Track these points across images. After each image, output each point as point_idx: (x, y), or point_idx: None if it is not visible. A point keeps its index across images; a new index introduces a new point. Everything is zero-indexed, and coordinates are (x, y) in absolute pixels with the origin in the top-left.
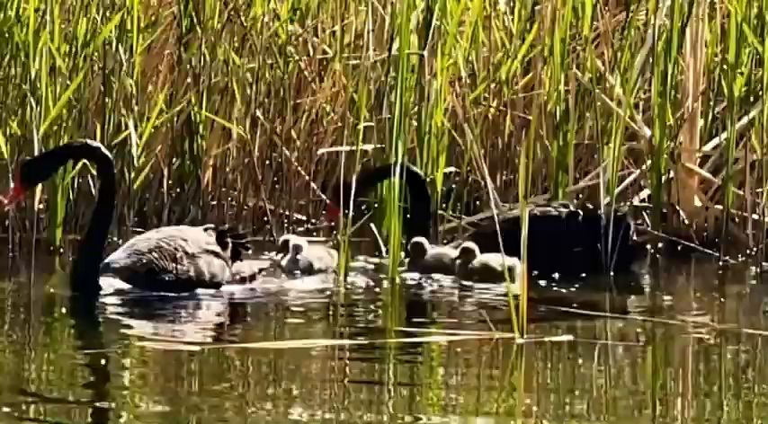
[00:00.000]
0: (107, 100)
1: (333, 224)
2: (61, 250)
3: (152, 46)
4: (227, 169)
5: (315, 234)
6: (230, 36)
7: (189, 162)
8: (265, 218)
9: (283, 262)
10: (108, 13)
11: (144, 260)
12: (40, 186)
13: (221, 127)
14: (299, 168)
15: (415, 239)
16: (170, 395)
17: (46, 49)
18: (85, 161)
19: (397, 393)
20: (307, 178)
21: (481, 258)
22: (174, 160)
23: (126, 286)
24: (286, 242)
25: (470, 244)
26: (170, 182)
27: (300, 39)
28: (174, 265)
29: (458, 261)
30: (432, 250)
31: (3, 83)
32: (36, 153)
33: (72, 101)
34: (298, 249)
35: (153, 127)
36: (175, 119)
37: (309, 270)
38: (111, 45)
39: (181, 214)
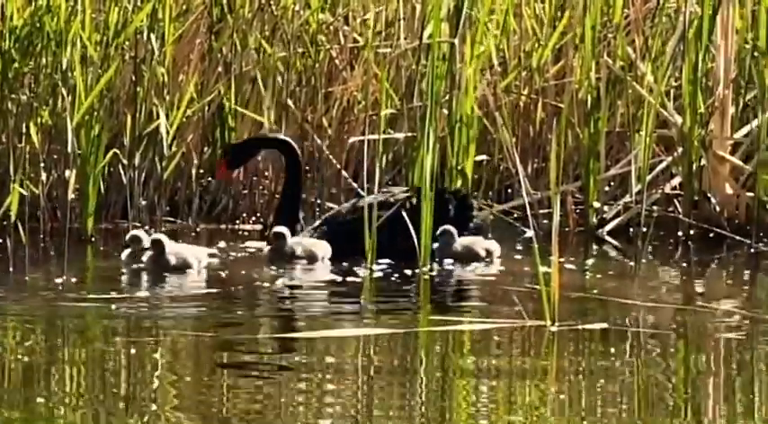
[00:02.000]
0: (138, 89)
1: (223, 182)
2: (93, 239)
3: (183, 35)
4: (259, 158)
5: None
6: (261, 25)
7: (220, 151)
8: None
9: (265, 251)
10: (139, 3)
11: None
12: (72, 177)
13: (252, 117)
14: (331, 156)
15: (276, 229)
16: (199, 383)
17: (77, 39)
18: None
19: (429, 382)
20: (338, 166)
21: (462, 241)
22: (205, 149)
23: None
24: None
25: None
26: (201, 172)
27: (331, 27)
28: None
29: None
30: (460, 239)
31: (34, 72)
32: (69, 143)
33: (103, 90)
34: (281, 237)
35: (184, 116)
36: (206, 108)
37: (291, 258)
38: (142, 34)
39: (212, 203)
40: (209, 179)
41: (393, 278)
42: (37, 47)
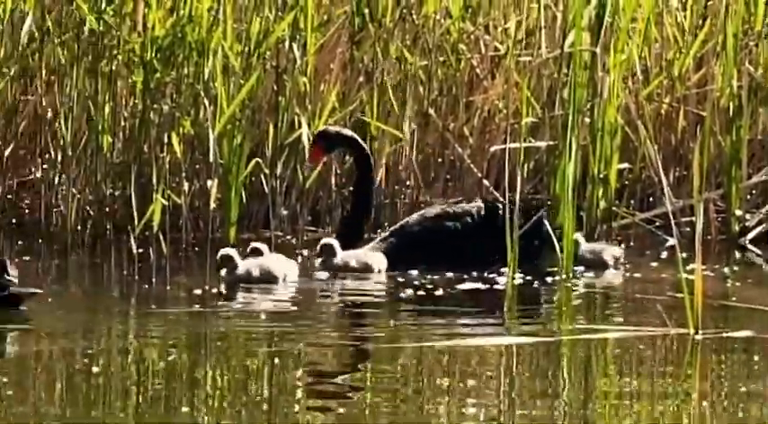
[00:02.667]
0: (280, 98)
1: (312, 167)
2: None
3: (325, 44)
4: (400, 167)
5: None
6: (402, 34)
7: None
8: None
9: (317, 263)
10: (281, 12)
11: None
12: (214, 187)
13: (394, 125)
14: (472, 165)
15: (325, 240)
16: (339, 391)
17: (219, 49)
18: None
19: (571, 389)
20: (479, 175)
21: (588, 247)
22: (347, 158)
23: None
24: (323, 245)
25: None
26: (342, 181)
27: (472, 36)
28: None
29: None
30: (587, 245)
31: (176, 83)
32: (211, 153)
33: (245, 100)
34: (329, 250)
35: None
36: (348, 117)
37: (345, 270)
38: (284, 44)
39: None
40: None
41: (529, 286)
42: (179, 57)
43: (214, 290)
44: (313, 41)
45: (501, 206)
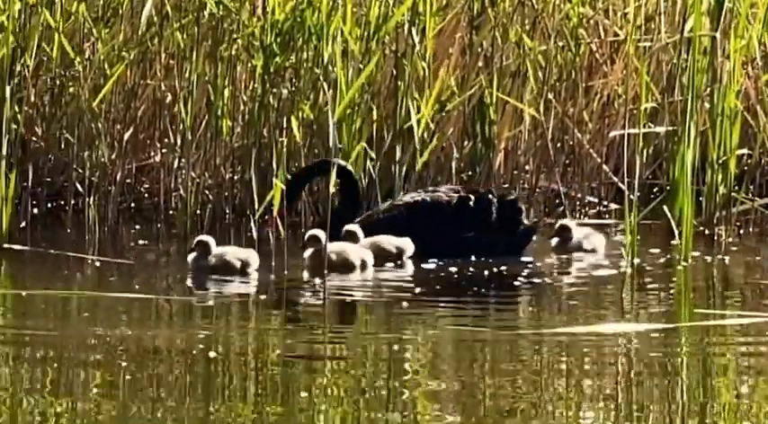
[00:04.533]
0: (399, 83)
1: (271, 230)
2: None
3: (443, 29)
4: (519, 151)
5: (606, 216)
6: (521, 18)
7: (481, 144)
8: (557, 201)
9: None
10: None
11: None
12: (333, 171)
13: (513, 110)
14: (591, 150)
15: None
16: (461, 380)
17: (338, 33)
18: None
19: (690, 379)
20: (598, 160)
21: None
22: (466, 143)
23: None
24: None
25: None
26: (461, 165)
27: (592, 21)
28: None
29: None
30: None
31: (295, 67)
32: (330, 137)
33: (364, 84)
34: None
35: (445, 110)
36: (467, 102)
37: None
38: (403, 28)
39: None
40: None
41: (645, 272)
42: (298, 41)
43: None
44: (432, 26)
45: (473, 197)
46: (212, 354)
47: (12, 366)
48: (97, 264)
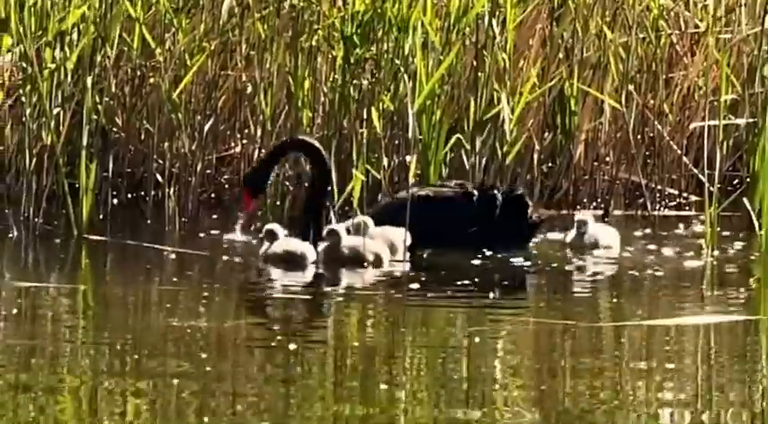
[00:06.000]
0: (479, 74)
1: (248, 213)
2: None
3: (524, 20)
4: (600, 143)
5: (687, 208)
6: (602, 10)
7: (561, 136)
8: (637, 193)
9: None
10: None
11: None
12: (413, 162)
13: (593, 101)
14: (672, 142)
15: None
16: (539, 371)
17: (419, 24)
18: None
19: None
20: (679, 152)
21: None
22: (546, 134)
23: None
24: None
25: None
26: (542, 157)
27: (672, 12)
28: None
29: None
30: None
31: (376, 58)
32: (410, 128)
33: (444, 75)
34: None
35: (527, 102)
36: (547, 93)
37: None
38: (483, 19)
39: (552, 188)
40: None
41: (724, 263)
42: (378, 32)
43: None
44: (513, 17)
45: (476, 193)
46: (292, 346)
47: (91, 356)
48: (173, 256)
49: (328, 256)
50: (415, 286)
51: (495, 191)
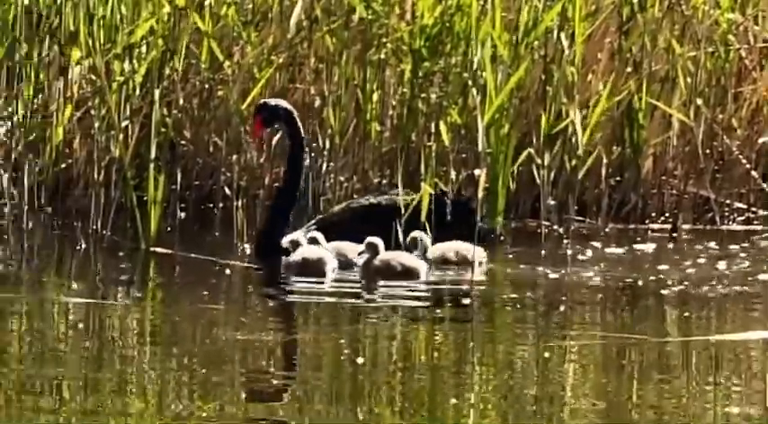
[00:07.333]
0: (548, 88)
1: (254, 142)
2: (501, 238)
3: (593, 34)
4: (668, 157)
5: (755, 222)
6: (671, 24)
7: (629, 150)
8: (706, 207)
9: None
10: (550, 2)
11: None
12: (482, 175)
13: (662, 115)
14: (740, 156)
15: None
16: (605, 388)
17: (488, 38)
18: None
19: None
20: (747, 166)
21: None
22: (615, 148)
23: None
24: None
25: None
26: (610, 170)
27: (741, 27)
28: None
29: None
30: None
31: (444, 71)
32: (479, 142)
33: (513, 89)
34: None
35: (600, 115)
36: (616, 107)
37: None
38: (552, 33)
39: (620, 202)
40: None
41: None
42: (447, 46)
43: (477, 277)
44: (581, 31)
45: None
46: (360, 360)
47: (159, 368)
48: (239, 269)
49: (370, 270)
50: (477, 299)
51: (445, 198)
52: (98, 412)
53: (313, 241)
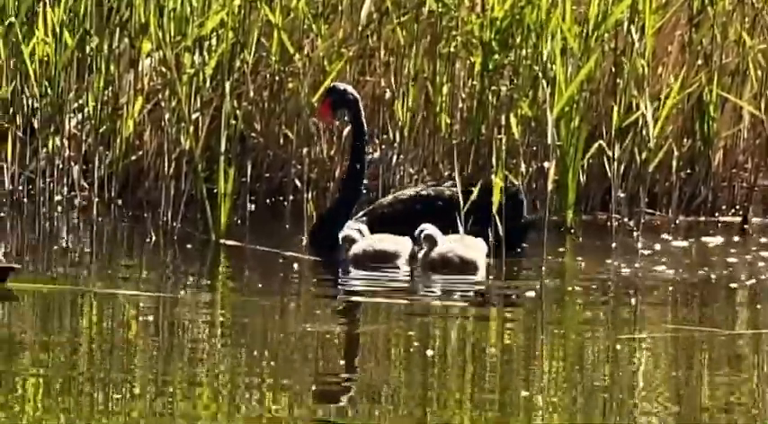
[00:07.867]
0: (618, 81)
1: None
2: (572, 231)
3: (663, 26)
4: (738, 150)
5: None
6: (741, 16)
7: (700, 142)
8: None
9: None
10: None
11: None
12: (552, 168)
13: (732, 108)
14: None
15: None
16: (675, 381)
17: (558, 31)
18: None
19: None
20: None
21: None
22: (685, 141)
23: None
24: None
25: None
26: (680, 163)
27: None
28: None
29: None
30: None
31: (514, 64)
32: (549, 135)
33: (583, 82)
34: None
35: (672, 108)
36: (686, 100)
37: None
38: (622, 26)
39: (691, 195)
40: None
41: None
42: (517, 38)
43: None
44: (651, 23)
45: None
46: (429, 352)
47: (229, 359)
48: (309, 262)
49: (431, 262)
50: (549, 291)
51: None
52: (169, 405)
53: (357, 233)
